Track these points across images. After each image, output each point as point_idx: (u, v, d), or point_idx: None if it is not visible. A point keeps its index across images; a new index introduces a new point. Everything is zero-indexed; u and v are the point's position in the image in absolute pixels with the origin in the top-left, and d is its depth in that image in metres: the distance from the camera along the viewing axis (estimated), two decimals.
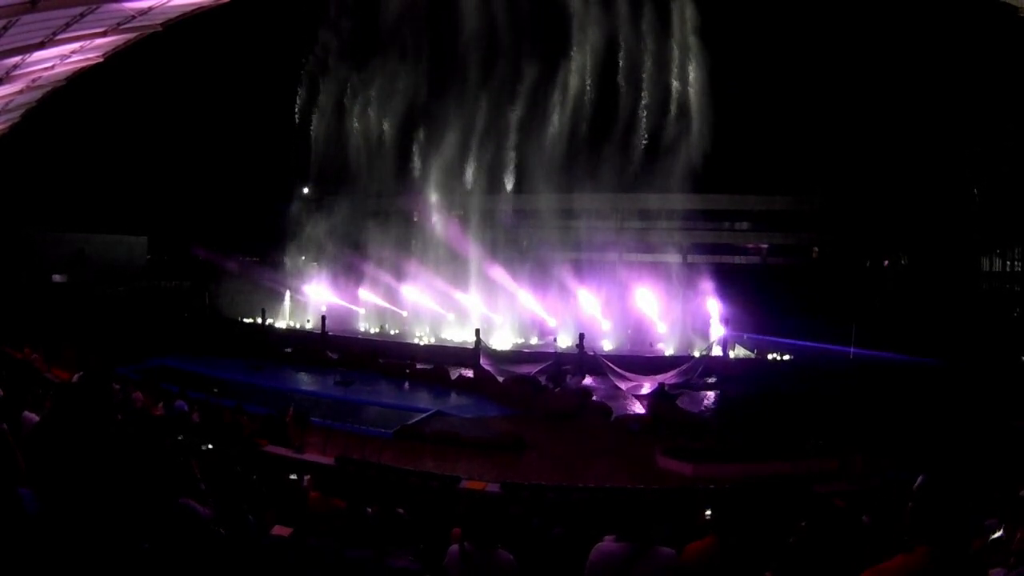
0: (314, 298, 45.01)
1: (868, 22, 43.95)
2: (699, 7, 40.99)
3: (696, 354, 33.08)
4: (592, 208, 49.16)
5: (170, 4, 19.58)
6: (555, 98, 42.57)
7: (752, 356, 34.91)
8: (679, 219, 47.24)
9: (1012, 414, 20.42)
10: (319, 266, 48.50)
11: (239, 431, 16.82)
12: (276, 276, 46.56)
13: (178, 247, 56.41)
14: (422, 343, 38.18)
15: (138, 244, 57.78)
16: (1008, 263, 45.54)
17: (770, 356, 34.81)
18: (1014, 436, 17.79)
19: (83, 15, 16.96)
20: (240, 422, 17.92)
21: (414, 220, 49.79)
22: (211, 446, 12.59)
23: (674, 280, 38.77)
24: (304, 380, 31.35)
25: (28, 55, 18.81)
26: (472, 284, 40.02)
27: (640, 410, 25.56)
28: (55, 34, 17.59)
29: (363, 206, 48.11)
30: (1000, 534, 4.43)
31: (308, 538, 5.90)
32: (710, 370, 32.00)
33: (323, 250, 48.25)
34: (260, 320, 44.10)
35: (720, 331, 34.63)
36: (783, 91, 43.19)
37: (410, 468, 16.18)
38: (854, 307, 35.55)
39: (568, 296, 38.65)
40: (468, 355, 33.78)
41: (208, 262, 47.93)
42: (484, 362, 32.09)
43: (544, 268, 40.54)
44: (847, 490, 13.31)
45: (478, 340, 34.86)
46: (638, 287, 37.78)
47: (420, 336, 39.27)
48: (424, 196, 45.13)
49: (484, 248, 42.83)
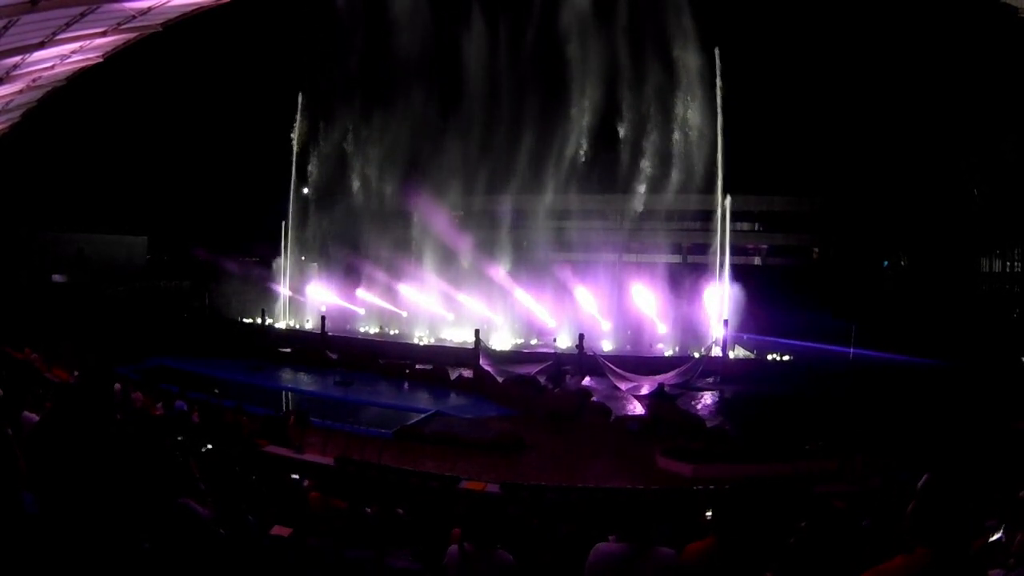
0: (314, 299, 45.01)
1: (868, 23, 43.97)
2: (700, 8, 40.94)
3: (695, 355, 33.06)
4: (592, 208, 49.15)
5: (170, 4, 19.60)
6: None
7: (752, 357, 34.90)
8: (679, 219, 47.20)
9: (1012, 415, 20.41)
10: (319, 267, 48.51)
11: (239, 431, 16.83)
12: (275, 276, 46.56)
13: (178, 247, 56.44)
14: (422, 343, 38.18)
15: (138, 244, 57.82)
16: (1008, 264, 45.58)
17: (770, 357, 34.82)
18: (1014, 437, 17.78)
19: (83, 15, 16.98)
20: (240, 422, 17.93)
21: (413, 220, 49.77)
22: (211, 446, 12.59)
23: (673, 280, 38.75)
24: (304, 380, 31.34)
25: (28, 55, 18.82)
26: (471, 284, 39.98)
27: (639, 410, 25.54)
28: (55, 34, 17.61)
29: (362, 206, 48.12)
30: (1000, 536, 4.43)
31: (308, 538, 5.91)
32: (710, 371, 32.01)
33: (322, 250, 48.27)
34: (260, 320, 44.14)
35: (719, 331, 34.61)
36: (782, 92, 43.16)
37: (410, 468, 16.17)
38: (854, 307, 35.54)
39: (567, 297, 38.64)
40: (468, 355, 33.75)
41: (208, 262, 47.93)
42: (484, 362, 32.07)
43: (543, 268, 40.54)
44: (847, 491, 13.31)
45: (478, 340, 34.86)
46: (637, 288, 37.79)
47: (420, 336, 39.26)
48: (424, 196, 45.08)
49: (483, 248, 42.81)
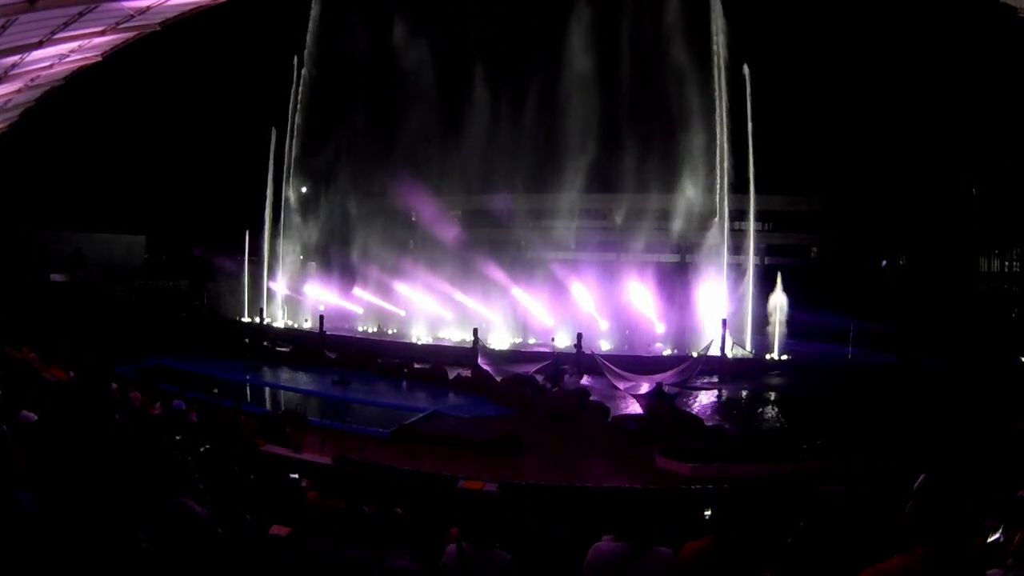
0: (311, 298, 45.00)
1: (867, 22, 44.01)
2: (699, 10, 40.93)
3: (694, 354, 33.07)
4: (591, 208, 49.18)
5: (168, 3, 19.58)
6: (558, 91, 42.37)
7: (750, 356, 34.91)
8: (679, 219, 47.19)
9: (1010, 415, 20.43)
10: (316, 265, 48.50)
11: (237, 431, 16.81)
12: (273, 276, 46.55)
13: (176, 246, 56.41)
14: (420, 343, 38.17)
15: (136, 243, 57.80)
16: (1006, 263, 45.65)
17: (768, 356, 34.84)
18: (1013, 437, 17.79)
19: (81, 14, 16.95)
20: (238, 422, 17.92)
21: (412, 219, 49.79)
22: (209, 446, 12.58)
23: (672, 280, 38.76)
24: (302, 380, 31.32)
25: (27, 54, 18.81)
26: (470, 284, 39.96)
27: (638, 410, 25.54)
28: (53, 33, 17.58)
29: (360, 205, 48.11)
30: (999, 535, 4.44)
31: (307, 538, 5.91)
32: (708, 370, 32.03)
33: (320, 249, 48.26)
34: (259, 320, 44.13)
35: (718, 331, 34.60)
36: (781, 92, 43.18)
37: (408, 468, 16.17)
38: (853, 307, 35.59)
39: (566, 296, 38.64)
40: (466, 355, 33.75)
41: (203, 260, 47.94)
42: (482, 362, 32.06)
43: (542, 268, 40.53)
44: (845, 491, 13.32)
45: (476, 340, 34.85)
46: (635, 287, 37.79)
47: (418, 336, 39.26)
48: (422, 195, 45.05)
49: (482, 247, 42.79)
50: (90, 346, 26.40)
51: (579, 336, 33.95)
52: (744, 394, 29.98)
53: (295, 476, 12.21)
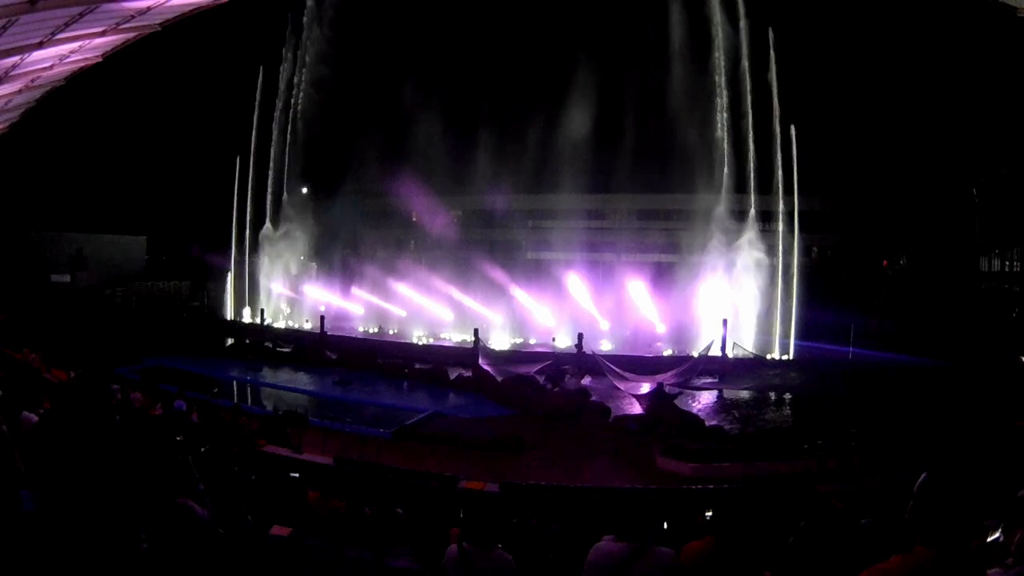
0: (311, 298, 45.02)
1: (868, 24, 43.99)
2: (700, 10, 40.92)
3: (694, 354, 33.05)
4: (591, 208, 49.15)
5: (168, 4, 19.58)
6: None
7: (751, 356, 34.89)
8: (678, 219, 47.22)
9: (1011, 414, 20.43)
10: (316, 266, 48.52)
11: (238, 431, 16.82)
12: (274, 276, 46.55)
13: (177, 247, 56.43)
14: (421, 343, 38.18)
15: (137, 244, 57.83)
16: (1007, 263, 45.62)
17: (769, 356, 34.81)
18: (1013, 437, 17.79)
19: (82, 15, 16.96)
20: (239, 422, 17.93)
21: (413, 220, 49.83)
22: (210, 446, 12.58)
23: (672, 280, 38.76)
24: (303, 380, 31.33)
25: (27, 55, 18.80)
26: (470, 284, 39.96)
27: (639, 410, 25.53)
28: (54, 34, 17.58)
29: (361, 206, 48.14)
30: (999, 535, 4.43)
31: (307, 538, 5.90)
32: (709, 370, 32.00)
33: (320, 249, 48.28)
34: (259, 320, 44.13)
35: (719, 331, 34.58)
36: (781, 92, 43.17)
37: (409, 468, 16.16)
38: (853, 307, 35.58)
39: (567, 296, 38.64)
40: (467, 355, 33.75)
41: (206, 262, 47.97)
42: (483, 362, 32.07)
43: (542, 268, 40.52)
44: (846, 490, 13.32)
45: (477, 340, 34.85)
46: (636, 287, 37.79)
47: (419, 336, 39.27)
48: (422, 196, 45.06)
49: (482, 248, 42.79)
50: (90, 347, 26.45)
51: (580, 336, 33.96)
52: (744, 394, 29.97)
53: (295, 476, 12.22)
